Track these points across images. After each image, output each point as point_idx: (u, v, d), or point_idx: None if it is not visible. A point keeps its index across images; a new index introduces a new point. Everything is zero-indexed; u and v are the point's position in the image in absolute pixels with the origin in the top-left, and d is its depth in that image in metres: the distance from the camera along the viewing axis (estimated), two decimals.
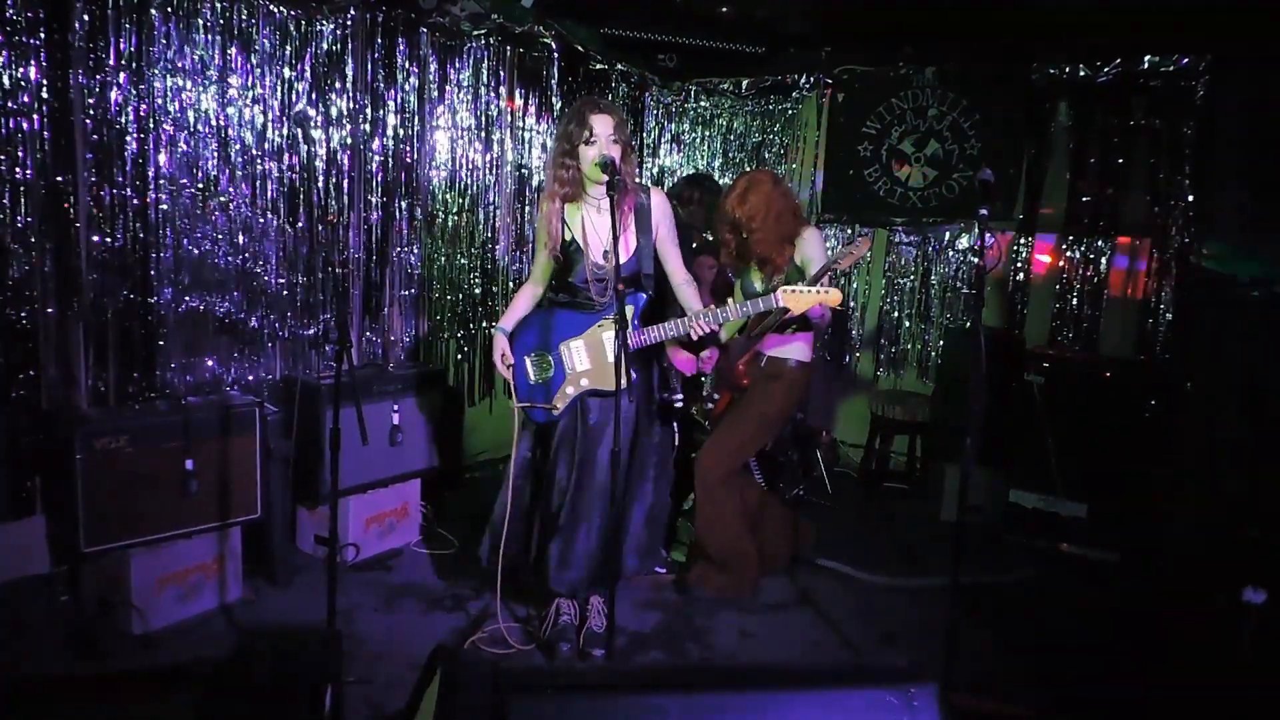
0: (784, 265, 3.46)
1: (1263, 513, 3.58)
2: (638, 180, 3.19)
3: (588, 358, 3.10)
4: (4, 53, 2.99)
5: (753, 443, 3.66)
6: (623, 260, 3.00)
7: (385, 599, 3.52)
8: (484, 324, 5.17)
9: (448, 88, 4.74)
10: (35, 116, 3.10)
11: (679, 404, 3.77)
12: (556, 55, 5.34)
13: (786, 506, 4.14)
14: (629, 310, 3.08)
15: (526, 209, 5.33)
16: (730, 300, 3.19)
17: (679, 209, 3.90)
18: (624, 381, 2.62)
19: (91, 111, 3.25)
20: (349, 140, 4.20)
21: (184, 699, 1.42)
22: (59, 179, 3.20)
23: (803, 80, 5.98)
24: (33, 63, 3.07)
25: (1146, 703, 2.99)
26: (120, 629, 3.06)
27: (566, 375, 3.12)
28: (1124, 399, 4.37)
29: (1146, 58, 4.85)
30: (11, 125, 3.05)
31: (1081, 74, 5.05)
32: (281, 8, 3.82)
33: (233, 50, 3.67)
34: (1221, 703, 2.95)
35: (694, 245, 4.37)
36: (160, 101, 3.44)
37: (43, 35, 3.09)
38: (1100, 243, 5.16)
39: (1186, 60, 4.74)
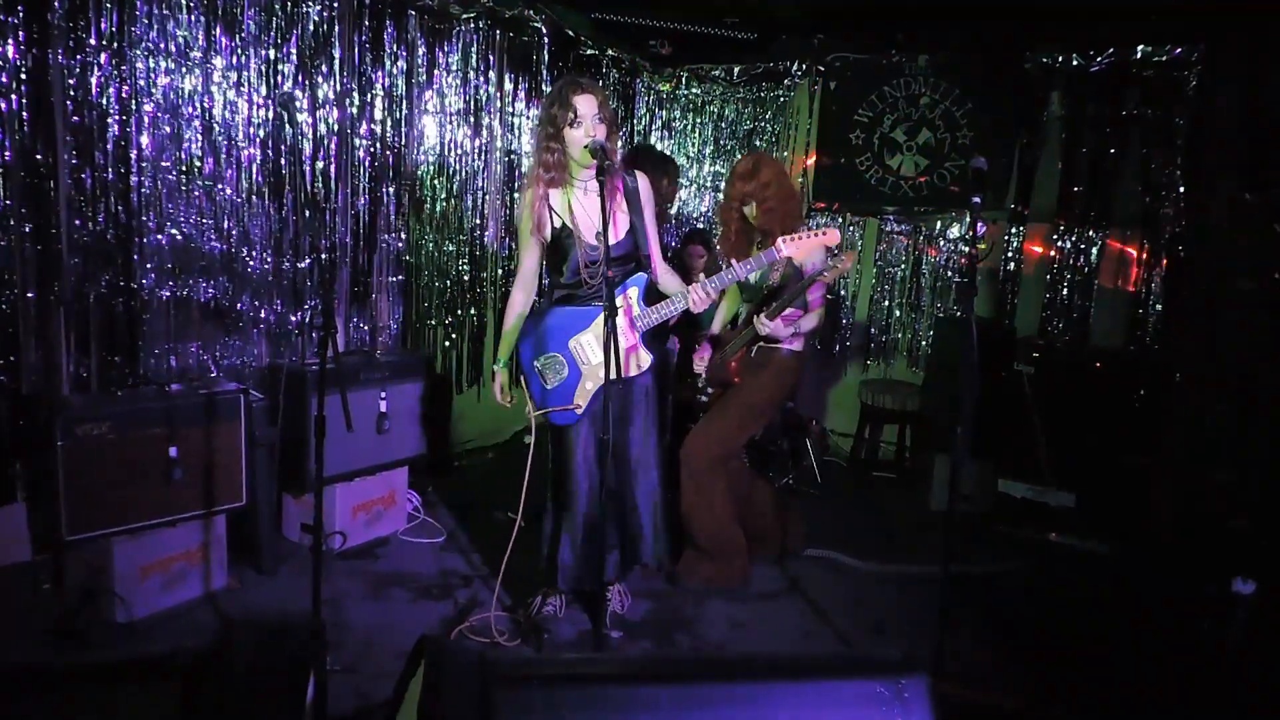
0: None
1: (1251, 503, 3.59)
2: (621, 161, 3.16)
3: (600, 349, 2.97)
4: None
5: (740, 430, 3.63)
6: (617, 241, 2.96)
7: (372, 587, 3.50)
8: (472, 311, 5.14)
9: (436, 72, 4.69)
10: (14, 97, 3.05)
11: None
12: (546, 40, 5.29)
13: (775, 491, 4.13)
14: (634, 291, 3.06)
15: (515, 195, 5.29)
16: (734, 260, 3.16)
17: None
18: (614, 370, 2.57)
19: (72, 93, 3.19)
20: (336, 124, 4.15)
21: (164, 688, 1.39)
22: (39, 161, 3.15)
23: (795, 67, 5.95)
24: (10, 42, 3.01)
25: (1136, 692, 3.00)
26: (103, 618, 3.03)
27: (583, 372, 3.05)
28: (1113, 389, 4.38)
29: (1140, 47, 4.84)
30: None
31: (1074, 63, 5.04)
32: None
33: (216, 31, 3.61)
34: (1211, 692, 2.96)
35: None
36: (142, 83, 3.38)
37: (21, 13, 3.03)
38: (1091, 233, 5.16)
39: (1180, 50, 4.73)
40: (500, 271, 5.29)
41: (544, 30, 5.23)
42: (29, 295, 3.19)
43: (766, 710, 1.58)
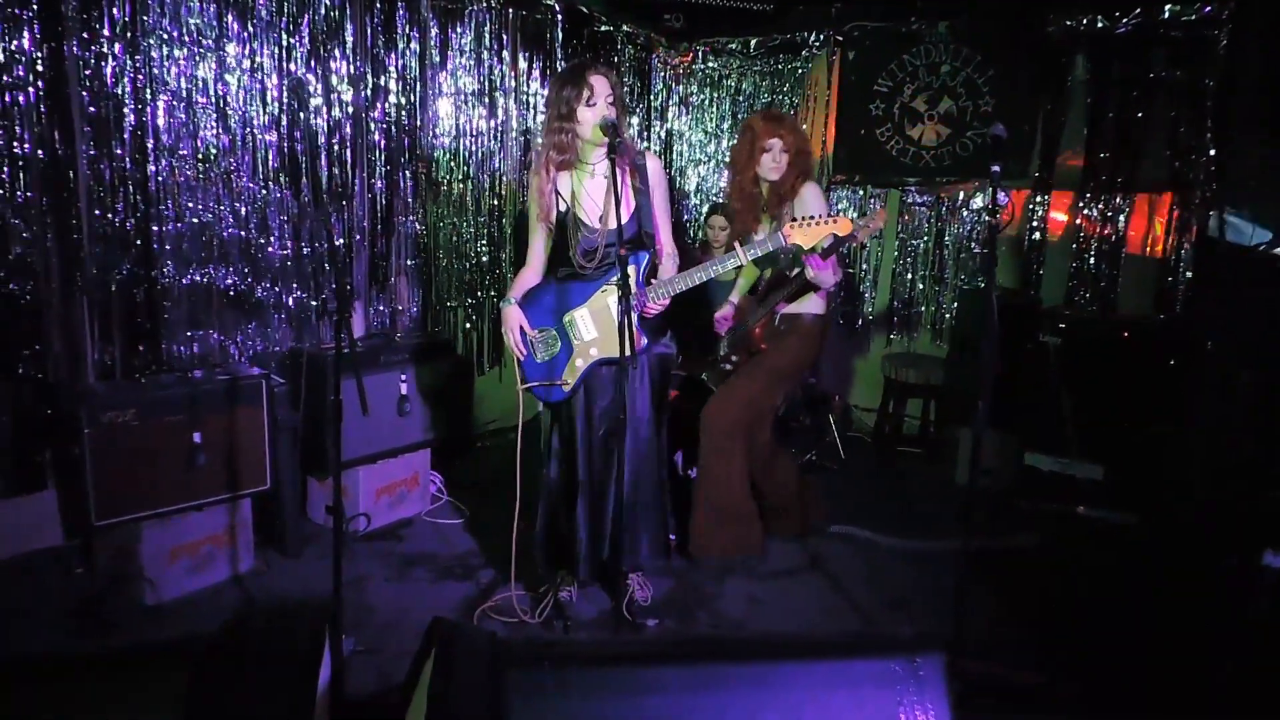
0: (794, 196, 3.42)
1: None
2: (632, 142, 3.10)
3: (595, 326, 2.98)
4: None
5: (763, 396, 3.57)
6: (622, 222, 2.91)
7: (396, 568, 3.53)
8: (491, 292, 5.14)
9: (449, 53, 4.66)
10: (30, 90, 3.08)
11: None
12: (560, 17, 5.24)
13: (797, 466, 4.09)
14: (631, 271, 2.89)
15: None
16: (737, 244, 3.12)
17: None
18: (629, 347, 2.55)
19: (87, 83, 3.22)
20: (350, 108, 4.15)
21: (179, 676, 1.42)
22: (58, 152, 3.18)
23: (812, 38, 5.86)
24: (25, 34, 3.04)
25: (1160, 667, 2.95)
26: (133, 601, 3.09)
27: (575, 348, 2.99)
28: (1142, 359, 4.30)
29: (1167, 7, 4.71)
30: (8, 99, 3.03)
31: (1100, 25, 4.91)
32: None
33: (229, 17, 3.61)
34: (1236, 667, 2.91)
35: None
36: (157, 71, 3.40)
37: (35, 6, 3.05)
38: (1118, 199, 5.05)
39: (1209, 9, 4.59)
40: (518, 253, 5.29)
41: (557, 8, 5.19)
42: (52, 285, 3.24)
43: (779, 690, 1.58)
